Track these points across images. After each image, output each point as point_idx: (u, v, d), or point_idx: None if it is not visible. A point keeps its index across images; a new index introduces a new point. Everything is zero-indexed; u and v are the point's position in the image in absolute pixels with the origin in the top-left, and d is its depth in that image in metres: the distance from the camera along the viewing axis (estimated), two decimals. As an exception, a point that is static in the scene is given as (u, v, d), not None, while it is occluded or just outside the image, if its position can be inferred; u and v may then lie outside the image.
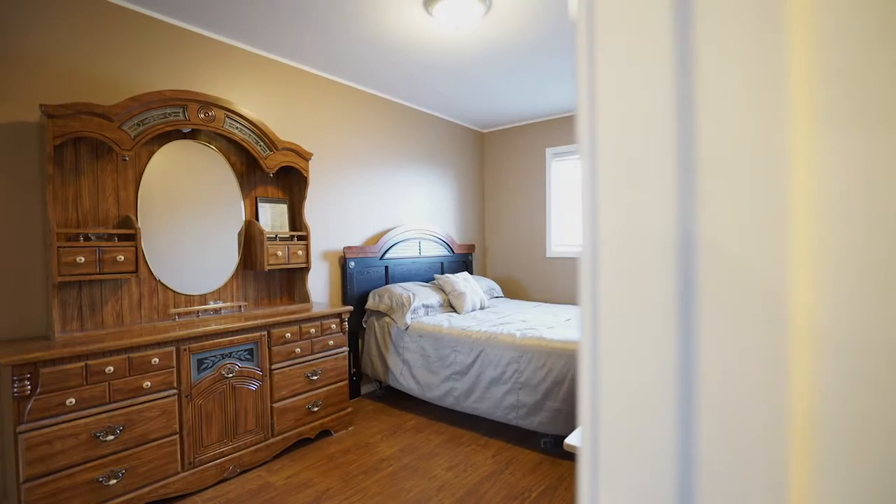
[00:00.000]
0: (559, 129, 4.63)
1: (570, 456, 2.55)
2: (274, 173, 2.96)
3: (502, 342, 2.79)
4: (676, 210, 0.21)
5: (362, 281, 3.64)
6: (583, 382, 0.25)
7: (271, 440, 2.52)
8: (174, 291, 2.56)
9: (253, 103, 2.97)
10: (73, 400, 1.82)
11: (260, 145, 2.75)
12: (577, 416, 2.43)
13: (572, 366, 2.48)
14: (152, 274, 2.47)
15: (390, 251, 3.89)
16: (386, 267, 3.85)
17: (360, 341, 3.61)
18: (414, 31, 2.75)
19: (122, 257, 2.17)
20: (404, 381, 3.24)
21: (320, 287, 3.40)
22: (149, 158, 2.47)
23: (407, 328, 3.27)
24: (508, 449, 2.67)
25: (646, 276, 0.22)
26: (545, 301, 4.68)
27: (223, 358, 2.33)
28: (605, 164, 0.24)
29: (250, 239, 2.85)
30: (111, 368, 1.93)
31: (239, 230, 2.86)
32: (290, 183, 3.15)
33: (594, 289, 0.24)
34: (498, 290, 4.52)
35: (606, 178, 0.24)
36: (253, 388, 2.44)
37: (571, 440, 1.23)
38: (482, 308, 3.82)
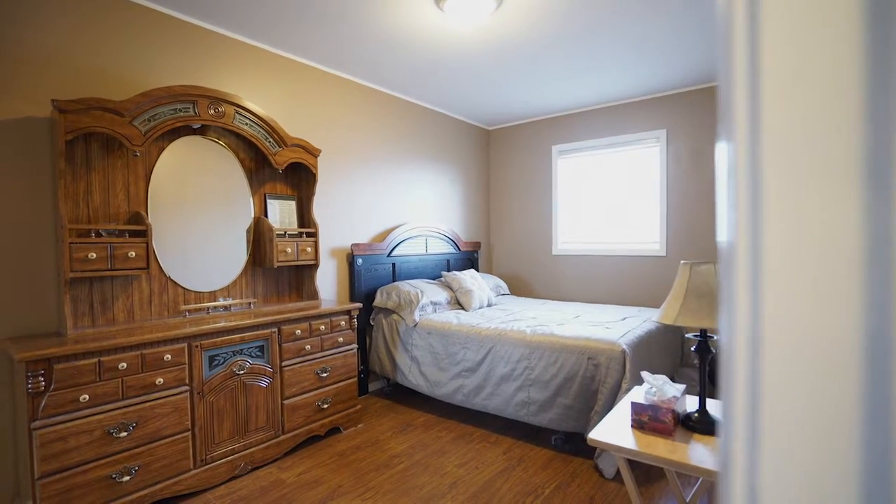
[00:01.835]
0: (566, 125, 4.62)
1: (581, 452, 2.54)
2: (283, 170, 2.95)
3: (513, 339, 2.78)
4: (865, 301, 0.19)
5: (370, 278, 3.63)
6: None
7: (282, 437, 2.51)
8: (184, 288, 2.55)
9: (260, 100, 2.96)
10: (87, 396, 1.81)
11: (269, 141, 2.73)
12: (588, 412, 2.42)
13: (584, 362, 2.47)
14: (162, 270, 2.46)
15: (397, 248, 3.88)
16: (393, 264, 3.84)
17: (367, 339, 3.60)
18: (424, 26, 2.74)
19: (134, 253, 2.16)
20: (413, 378, 3.23)
21: (328, 284, 3.40)
22: (158, 154, 2.46)
23: (415, 325, 3.26)
24: (519, 446, 2.66)
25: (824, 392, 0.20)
26: (552, 298, 4.67)
27: (234, 355, 2.33)
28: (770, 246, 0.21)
29: (259, 235, 2.84)
30: (124, 365, 1.92)
31: (248, 227, 2.85)
32: (299, 180, 3.14)
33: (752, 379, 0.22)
34: (504, 287, 4.51)
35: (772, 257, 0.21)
36: (263, 384, 2.43)
37: (596, 435, 1.22)
38: (489, 305, 3.81)
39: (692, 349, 1.61)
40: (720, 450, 0.27)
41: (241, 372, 2.34)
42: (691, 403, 1.73)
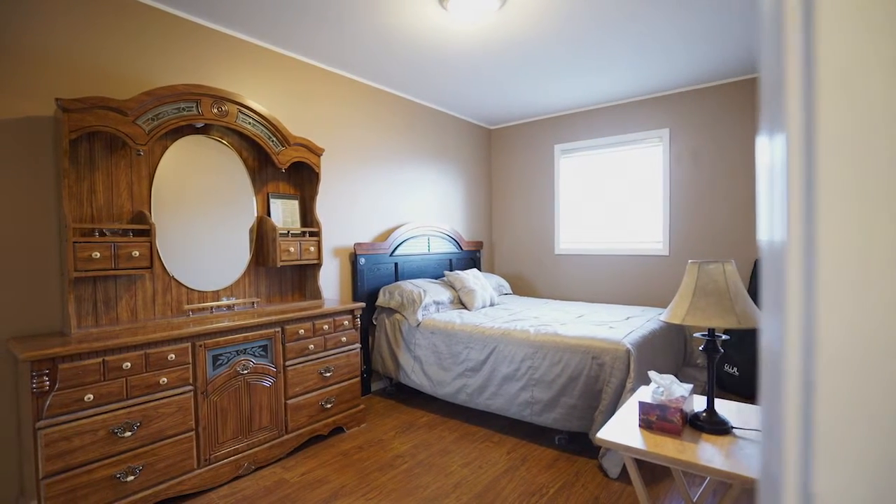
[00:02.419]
0: (568, 125, 4.61)
1: (585, 452, 2.53)
2: (285, 169, 2.94)
3: (516, 338, 2.77)
4: None
5: (372, 278, 3.63)
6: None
7: (285, 437, 2.51)
8: (187, 287, 2.54)
9: (263, 98, 2.95)
10: (91, 396, 1.81)
11: (272, 140, 2.73)
12: (592, 412, 2.42)
13: (588, 362, 2.46)
14: (165, 270, 2.45)
15: (400, 248, 3.87)
16: (396, 264, 3.83)
17: (370, 338, 3.59)
18: (427, 26, 2.73)
19: (137, 253, 2.15)
20: (416, 377, 3.23)
21: (331, 284, 3.39)
22: (162, 153, 2.45)
23: (418, 325, 3.26)
24: (523, 446, 2.66)
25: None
26: (554, 298, 4.66)
27: (238, 354, 2.32)
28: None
29: (262, 235, 2.84)
30: (128, 364, 1.91)
31: (251, 226, 2.84)
32: (302, 179, 3.13)
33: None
34: (506, 286, 4.51)
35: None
36: (267, 384, 2.43)
37: (604, 434, 1.21)
38: (492, 305, 3.80)
39: (700, 349, 1.61)
40: (764, 453, 0.26)
41: (245, 371, 2.33)
42: (699, 403, 1.72)
